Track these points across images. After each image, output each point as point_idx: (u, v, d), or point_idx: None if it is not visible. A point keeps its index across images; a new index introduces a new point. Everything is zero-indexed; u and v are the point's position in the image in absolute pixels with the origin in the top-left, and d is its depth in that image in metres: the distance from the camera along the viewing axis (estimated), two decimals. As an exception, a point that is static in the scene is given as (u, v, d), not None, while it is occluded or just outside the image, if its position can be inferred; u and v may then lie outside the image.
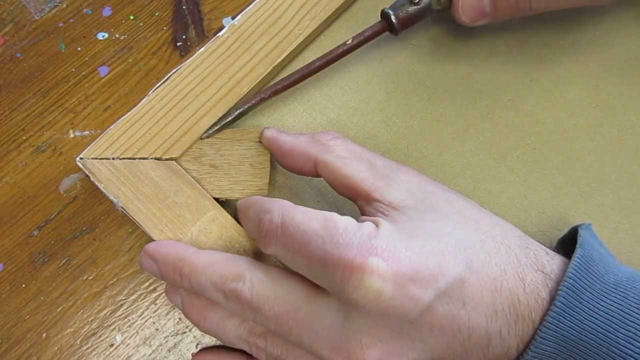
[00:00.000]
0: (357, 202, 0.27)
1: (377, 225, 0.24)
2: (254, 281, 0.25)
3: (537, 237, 0.30)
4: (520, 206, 0.32)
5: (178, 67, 0.32)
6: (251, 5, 0.34)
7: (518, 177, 0.32)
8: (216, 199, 0.30)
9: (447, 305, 0.22)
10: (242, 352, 0.29)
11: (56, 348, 0.30)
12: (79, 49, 0.35)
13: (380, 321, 0.22)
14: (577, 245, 0.24)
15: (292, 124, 0.33)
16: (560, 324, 0.22)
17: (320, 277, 0.23)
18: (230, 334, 0.26)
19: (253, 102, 0.31)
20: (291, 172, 0.30)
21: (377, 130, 0.33)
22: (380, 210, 0.25)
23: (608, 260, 0.24)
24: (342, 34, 0.35)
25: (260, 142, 0.31)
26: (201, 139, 0.31)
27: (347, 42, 0.32)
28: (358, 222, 0.24)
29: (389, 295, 0.21)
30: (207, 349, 0.29)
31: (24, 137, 0.33)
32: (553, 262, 0.24)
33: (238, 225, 0.29)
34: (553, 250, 0.26)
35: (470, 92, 0.34)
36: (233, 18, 0.36)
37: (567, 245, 0.28)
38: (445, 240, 0.24)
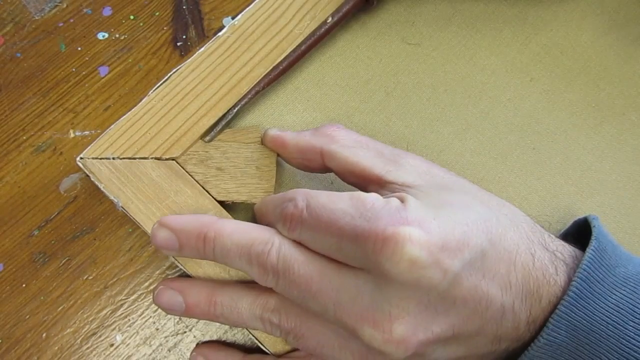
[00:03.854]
0: (368, 189, 0.27)
1: (402, 199, 0.24)
2: (281, 245, 0.25)
3: (537, 237, 0.30)
4: (520, 206, 0.32)
5: (178, 67, 0.32)
6: (251, 5, 0.34)
7: (518, 177, 0.32)
8: (222, 202, 0.30)
9: (470, 276, 0.23)
10: (239, 350, 0.29)
11: (56, 348, 0.30)
12: (79, 48, 0.35)
13: (411, 292, 0.22)
14: (592, 237, 0.25)
15: (292, 123, 0.33)
16: (572, 313, 0.23)
17: (352, 254, 0.23)
18: (244, 313, 0.26)
19: (249, 96, 0.31)
20: (300, 169, 0.30)
21: (377, 130, 0.33)
22: (395, 190, 0.26)
23: (619, 251, 0.25)
24: (342, 33, 0.35)
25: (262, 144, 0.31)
26: (205, 142, 0.31)
27: (328, 21, 0.32)
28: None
29: (422, 263, 0.22)
30: (205, 344, 0.30)
31: (24, 137, 0.33)
32: (554, 244, 0.25)
33: (238, 225, 0.29)
34: None
35: (470, 92, 0.34)
36: (233, 18, 0.36)
37: (568, 238, 0.28)
38: (467, 212, 0.24)
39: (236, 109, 0.31)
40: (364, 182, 0.27)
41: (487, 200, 0.26)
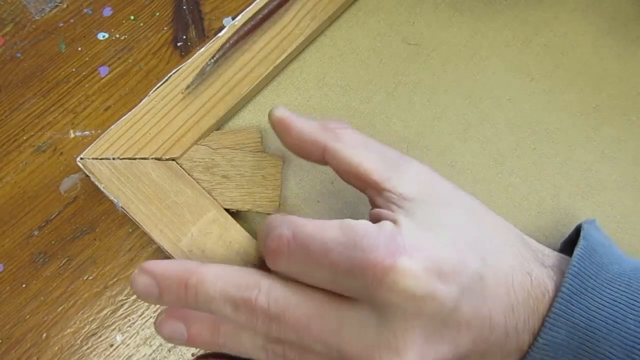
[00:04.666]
0: (366, 191, 0.27)
1: (395, 222, 0.23)
2: (271, 289, 0.23)
3: (537, 237, 0.30)
4: (520, 206, 0.32)
5: (178, 67, 0.32)
6: (251, 6, 0.34)
7: (518, 177, 0.32)
8: (227, 210, 0.30)
9: (471, 300, 0.22)
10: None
11: (56, 348, 0.30)
12: (80, 49, 0.35)
13: (414, 322, 0.22)
14: (580, 237, 0.25)
15: (292, 124, 0.33)
16: (569, 310, 0.23)
17: (347, 286, 0.23)
18: (247, 343, 0.25)
19: (227, 46, 0.31)
20: (298, 155, 0.29)
21: (377, 131, 0.33)
22: (391, 200, 0.25)
23: (612, 251, 0.25)
24: (342, 34, 0.35)
25: (269, 153, 0.31)
26: (211, 148, 0.30)
27: None
28: (371, 219, 0.24)
29: (422, 293, 0.21)
30: (204, 356, 0.29)
31: (25, 137, 0.33)
32: (550, 259, 0.25)
33: (238, 225, 0.29)
34: (558, 251, 0.26)
35: (470, 92, 0.34)
36: (233, 18, 0.36)
37: (573, 245, 0.28)
38: (461, 235, 0.24)
39: (212, 61, 0.31)
40: (362, 185, 0.27)
41: (483, 217, 0.26)
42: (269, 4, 0.32)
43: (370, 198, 0.27)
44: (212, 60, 0.31)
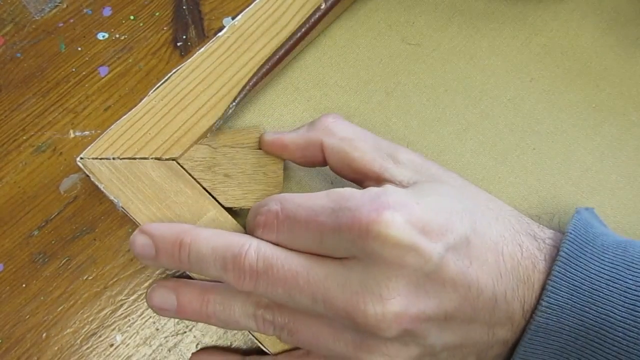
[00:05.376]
0: (364, 184, 0.28)
1: (380, 187, 0.24)
2: (260, 245, 0.24)
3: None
4: (520, 206, 0.32)
5: (178, 67, 0.32)
6: (251, 5, 0.34)
7: (518, 177, 0.32)
8: (230, 209, 0.30)
9: (457, 261, 0.23)
10: (237, 354, 0.29)
11: (56, 348, 0.30)
12: (79, 49, 0.35)
13: (399, 272, 0.22)
14: (574, 214, 0.26)
15: (292, 124, 0.33)
16: (568, 272, 0.23)
17: (335, 245, 0.23)
18: (237, 310, 0.26)
19: (247, 89, 0.31)
20: (303, 165, 0.30)
21: (377, 131, 0.33)
22: None
23: (606, 229, 0.26)
24: (342, 34, 0.35)
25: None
26: (211, 147, 0.30)
27: (322, 7, 0.32)
28: None
29: (406, 244, 0.22)
30: (203, 350, 0.29)
31: (24, 137, 0.33)
32: (543, 233, 0.26)
33: (238, 225, 0.29)
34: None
35: (470, 92, 0.34)
36: (233, 18, 0.36)
37: None
38: (451, 203, 0.24)
39: (234, 103, 0.31)
40: (361, 177, 0.27)
41: (476, 194, 0.27)
42: (284, 44, 0.32)
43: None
44: (234, 103, 0.31)
